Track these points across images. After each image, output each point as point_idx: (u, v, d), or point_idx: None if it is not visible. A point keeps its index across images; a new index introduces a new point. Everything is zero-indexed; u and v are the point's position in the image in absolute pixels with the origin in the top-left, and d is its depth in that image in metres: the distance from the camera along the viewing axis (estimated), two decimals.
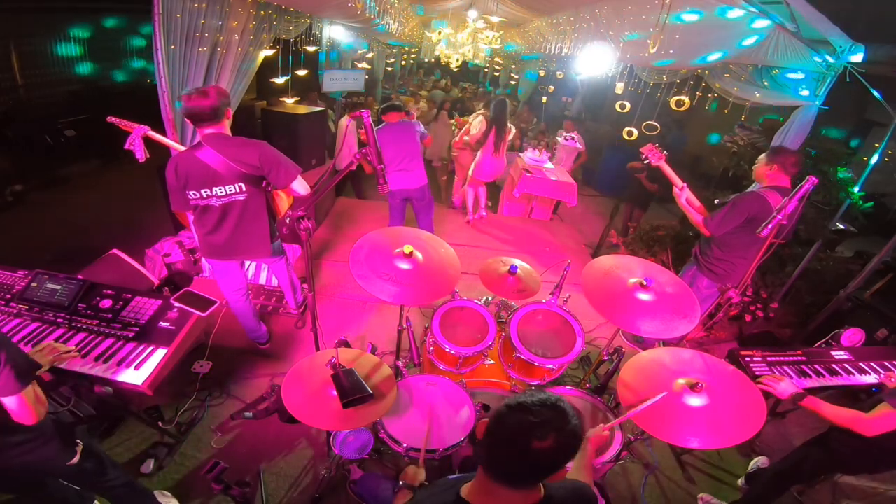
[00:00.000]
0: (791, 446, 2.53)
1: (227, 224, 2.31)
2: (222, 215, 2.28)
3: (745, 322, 3.67)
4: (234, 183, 2.20)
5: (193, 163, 2.13)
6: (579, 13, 4.88)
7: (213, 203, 2.23)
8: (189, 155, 2.15)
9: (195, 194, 2.19)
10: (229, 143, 2.17)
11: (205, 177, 2.15)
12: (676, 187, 2.71)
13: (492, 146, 4.66)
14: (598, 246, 4.97)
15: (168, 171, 2.16)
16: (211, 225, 2.31)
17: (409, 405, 1.93)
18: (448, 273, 2.07)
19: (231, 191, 2.21)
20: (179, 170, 2.14)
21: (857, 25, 5.44)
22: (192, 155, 2.14)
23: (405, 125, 3.74)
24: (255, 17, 3.30)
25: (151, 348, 1.84)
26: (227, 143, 2.16)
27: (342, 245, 4.41)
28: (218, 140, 2.15)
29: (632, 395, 1.64)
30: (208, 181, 2.16)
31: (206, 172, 2.14)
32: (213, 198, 2.21)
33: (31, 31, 6.01)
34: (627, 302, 2.00)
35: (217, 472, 1.50)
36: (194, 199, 2.21)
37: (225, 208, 2.26)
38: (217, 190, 2.19)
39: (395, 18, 6.34)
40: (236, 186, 2.21)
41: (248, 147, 2.19)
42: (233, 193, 2.23)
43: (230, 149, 2.15)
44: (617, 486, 2.38)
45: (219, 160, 2.13)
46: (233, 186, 2.20)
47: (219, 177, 2.16)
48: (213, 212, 2.26)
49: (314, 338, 2.04)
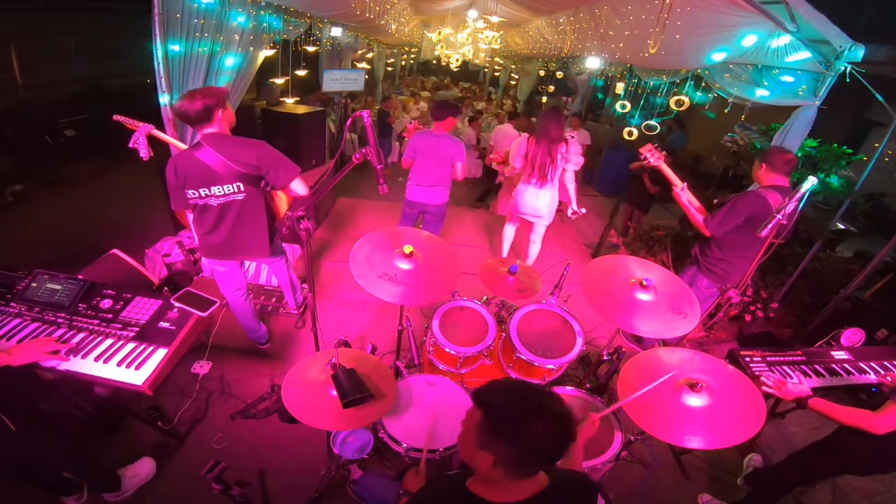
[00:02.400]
0: (791, 446, 2.53)
1: (226, 224, 2.31)
2: (220, 215, 2.28)
3: (745, 322, 3.67)
4: (233, 183, 2.19)
5: (192, 162, 2.13)
6: (579, 13, 4.89)
7: (211, 203, 2.23)
8: (188, 154, 2.15)
9: (194, 193, 2.20)
10: (228, 143, 2.17)
11: (203, 176, 2.15)
12: (676, 187, 2.72)
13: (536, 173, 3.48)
14: (598, 246, 4.97)
15: (168, 170, 2.17)
16: (209, 224, 2.31)
17: (409, 405, 1.93)
18: (448, 273, 2.08)
19: (229, 190, 2.21)
20: (178, 169, 2.14)
21: (857, 25, 5.45)
22: (191, 154, 2.14)
23: (450, 143, 3.35)
24: (256, 17, 3.30)
25: (152, 348, 1.84)
26: (226, 143, 2.16)
27: (342, 245, 4.41)
28: (217, 140, 2.15)
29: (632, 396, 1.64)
30: (207, 181, 2.16)
31: (204, 172, 2.14)
32: (211, 197, 2.21)
33: (31, 31, 6.01)
34: (627, 302, 2.00)
35: (217, 472, 1.50)
36: (193, 198, 2.21)
37: (223, 208, 2.26)
38: (215, 189, 2.19)
39: (395, 19, 6.34)
40: (234, 186, 2.21)
41: (246, 147, 2.18)
42: (231, 193, 2.22)
43: (229, 148, 2.15)
44: (617, 486, 2.38)
45: (217, 160, 2.12)
46: (231, 186, 2.20)
47: (217, 176, 2.16)
48: (211, 211, 2.26)
49: (314, 338, 2.04)
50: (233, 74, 3.18)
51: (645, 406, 1.57)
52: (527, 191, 3.61)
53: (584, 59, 5.85)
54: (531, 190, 3.58)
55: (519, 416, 0.95)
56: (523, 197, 3.64)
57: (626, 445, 1.88)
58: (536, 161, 3.43)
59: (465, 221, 5.47)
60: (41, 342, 1.74)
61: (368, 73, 7.71)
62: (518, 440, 0.94)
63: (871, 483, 2.27)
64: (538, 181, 3.51)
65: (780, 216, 1.96)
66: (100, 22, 7.01)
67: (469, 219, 5.61)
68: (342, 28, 5.55)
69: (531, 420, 0.94)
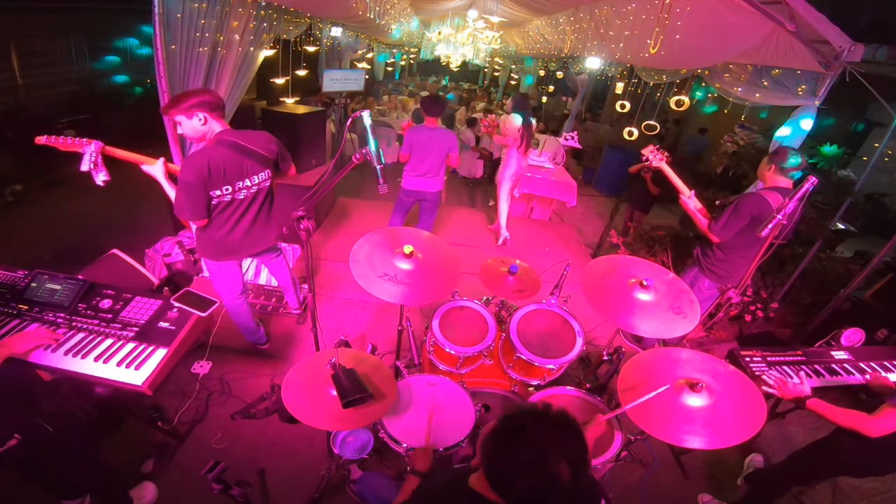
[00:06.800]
0: (791, 446, 2.53)
1: (249, 215, 2.35)
2: (247, 207, 2.32)
3: (745, 322, 3.67)
4: (264, 170, 2.29)
5: (226, 156, 2.10)
6: (579, 13, 4.89)
7: (239, 196, 2.25)
8: (216, 150, 2.09)
9: (227, 189, 2.16)
10: (247, 135, 2.21)
11: (240, 168, 2.18)
12: (683, 195, 2.71)
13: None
14: (598, 246, 4.97)
15: (193, 170, 2.03)
16: (232, 221, 2.30)
17: (409, 405, 1.93)
18: (448, 273, 2.07)
19: (262, 178, 2.30)
20: (213, 164, 2.06)
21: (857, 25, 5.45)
22: (220, 150, 2.10)
23: (443, 135, 3.66)
24: (256, 17, 3.30)
25: (151, 348, 1.83)
26: (245, 135, 2.20)
27: (342, 245, 4.41)
28: (235, 133, 2.17)
29: (632, 396, 1.64)
30: (243, 172, 2.20)
31: (240, 164, 2.17)
32: (243, 189, 2.24)
33: (31, 31, 6.01)
34: (627, 302, 2.00)
35: (217, 472, 1.50)
36: (221, 195, 2.17)
37: (253, 198, 2.32)
38: (249, 181, 2.24)
39: (395, 19, 6.34)
40: (265, 173, 2.31)
41: (262, 135, 2.30)
42: (262, 181, 2.31)
43: (252, 139, 2.21)
44: (617, 486, 2.38)
45: (247, 150, 2.18)
46: (263, 174, 2.30)
47: (252, 166, 2.22)
48: (235, 206, 2.27)
49: (314, 338, 2.04)
50: (233, 74, 3.18)
51: (645, 406, 1.57)
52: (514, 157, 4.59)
53: (583, 59, 5.85)
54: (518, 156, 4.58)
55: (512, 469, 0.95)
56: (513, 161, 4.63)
57: (626, 445, 1.88)
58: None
59: (465, 221, 5.47)
60: (37, 330, 1.76)
61: (368, 73, 7.70)
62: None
63: (871, 483, 2.28)
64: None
65: (780, 216, 1.96)
66: (100, 22, 7.00)
67: (469, 219, 5.61)
68: (342, 28, 5.55)
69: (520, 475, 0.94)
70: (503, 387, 2.34)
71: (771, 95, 3.17)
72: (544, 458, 0.92)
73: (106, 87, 7.20)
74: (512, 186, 4.88)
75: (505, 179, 4.73)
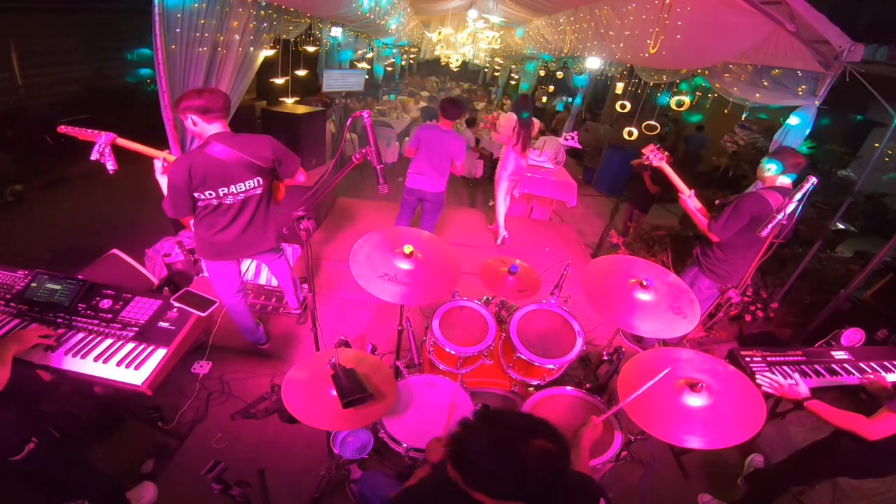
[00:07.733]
0: (791, 446, 2.53)
1: (241, 220, 2.32)
2: (238, 212, 2.29)
3: (745, 322, 3.67)
4: (253, 178, 2.24)
5: (209, 161, 2.10)
6: (579, 13, 4.89)
7: (227, 201, 2.23)
8: (202, 154, 2.10)
9: (210, 194, 2.16)
10: (241, 140, 2.18)
11: (223, 175, 2.15)
12: (683, 195, 2.71)
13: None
14: (598, 246, 4.97)
15: (177, 172, 2.07)
16: (222, 223, 2.30)
17: (409, 405, 1.93)
18: (448, 273, 2.08)
19: (250, 186, 2.25)
20: (194, 170, 2.08)
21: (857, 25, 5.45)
22: (205, 154, 2.10)
23: (453, 140, 3.61)
24: (255, 17, 3.30)
25: (151, 348, 1.83)
26: (238, 140, 2.17)
27: (342, 245, 4.41)
28: (229, 138, 2.15)
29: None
30: (226, 179, 2.17)
31: (223, 170, 2.14)
32: (229, 195, 2.21)
33: (31, 31, 6.01)
34: (627, 302, 2.00)
35: (217, 472, 1.50)
36: (207, 198, 2.17)
37: (242, 204, 2.28)
38: (234, 188, 2.21)
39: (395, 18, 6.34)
40: (255, 181, 2.25)
41: (260, 142, 2.25)
42: (252, 188, 2.26)
43: (244, 145, 2.17)
44: (617, 486, 2.38)
45: (236, 156, 2.14)
46: (252, 182, 2.24)
47: (236, 174, 2.17)
48: (224, 210, 2.26)
49: (314, 338, 2.04)
50: (233, 74, 3.18)
51: (645, 406, 1.57)
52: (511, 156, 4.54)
53: (583, 59, 5.85)
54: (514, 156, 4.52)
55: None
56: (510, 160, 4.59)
57: (626, 445, 1.88)
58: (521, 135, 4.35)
59: (465, 221, 5.47)
60: (34, 328, 1.75)
61: (368, 73, 7.70)
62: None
63: (871, 483, 2.28)
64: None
65: (780, 216, 1.96)
66: (100, 22, 7.00)
67: (469, 219, 5.61)
68: (342, 28, 5.55)
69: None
70: (503, 387, 2.34)
71: (771, 95, 3.16)
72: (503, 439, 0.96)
73: (106, 87, 7.19)
74: (512, 186, 4.88)
75: (502, 179, 4.71)
